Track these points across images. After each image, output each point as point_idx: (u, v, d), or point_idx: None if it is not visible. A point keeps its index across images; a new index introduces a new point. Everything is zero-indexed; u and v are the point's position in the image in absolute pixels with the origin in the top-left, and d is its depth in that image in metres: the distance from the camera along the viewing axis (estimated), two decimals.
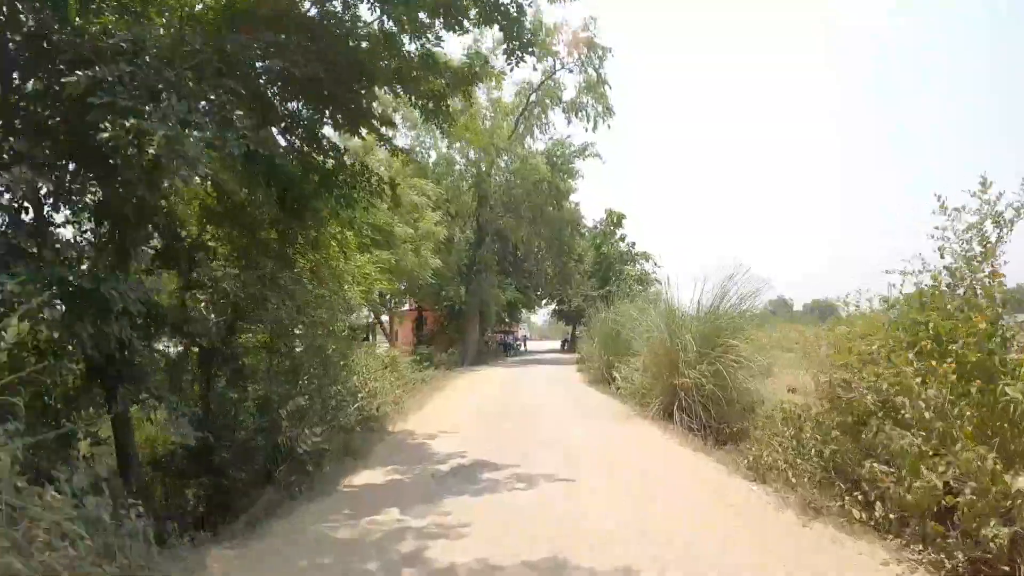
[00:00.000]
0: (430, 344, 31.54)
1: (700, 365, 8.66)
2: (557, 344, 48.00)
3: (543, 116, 30.56)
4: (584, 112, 30.12)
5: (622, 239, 28.72)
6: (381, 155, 18.97)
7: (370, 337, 26.93)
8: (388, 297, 20.75)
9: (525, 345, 45.11)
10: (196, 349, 6.77)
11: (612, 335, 14.62)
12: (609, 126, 30.02)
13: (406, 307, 35.00)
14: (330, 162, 9.56)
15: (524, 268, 31.29)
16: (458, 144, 26.33)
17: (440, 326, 31.38)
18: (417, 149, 26.42)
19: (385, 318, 38.33)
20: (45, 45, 4.67)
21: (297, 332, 10.10)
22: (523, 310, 38.40)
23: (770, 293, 9.31)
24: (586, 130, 29.88)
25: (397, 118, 28.94)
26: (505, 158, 27.33)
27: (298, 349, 10.77)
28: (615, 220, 28.65)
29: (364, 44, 6.95)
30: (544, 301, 41.26)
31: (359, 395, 10.39)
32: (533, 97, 29.91)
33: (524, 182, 26.70)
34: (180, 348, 6.80)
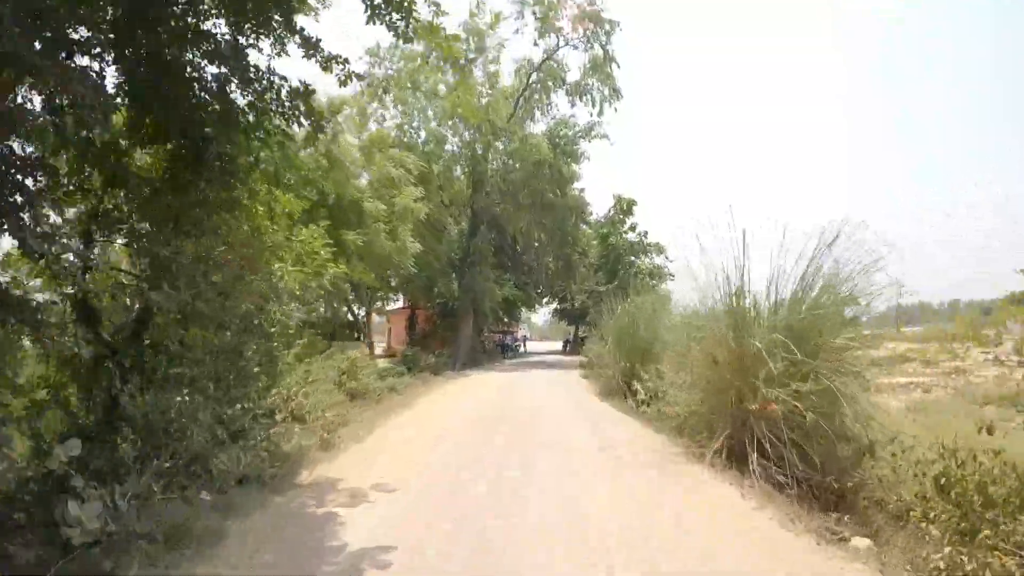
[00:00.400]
0: (421, 345, 28.23)
1: (797, 381, 5.19)
2: (558, 345, 44.48)
3: (545, 98, 27.09)
4: (589, 95, 26.71)
5: (632, 228, 25.08)
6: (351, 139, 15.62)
7: (361, 336, 23.57)
8: (367, 290, 17.32)
9: (525, 346, 41.57)
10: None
11: (630, 332, 11.14)
12: (616, 109, 26.57)
13: (399, 305, 31.69)
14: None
15: (523, 262, 27.79)
16: (450, 122, 22.92)
17: (432, 325, 28.00)
18: (405, 128, 23.04)
19: (380, 317, 34.92)
20: None
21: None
22: (522, 309, 34.86)
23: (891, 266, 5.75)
24: (591, 114, 26.52)
25: (388, 100, 25.83)
26: (502, 141, 23.89)
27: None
28: (624, 207, 25.01)
29: None
30: (545, 300, 37.75)
31: (278, 416, 6.96)
32: (534, 77, 26.50)
33: (524, 164, 23.26)
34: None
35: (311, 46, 6.15)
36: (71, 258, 7.71)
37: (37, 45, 4.09)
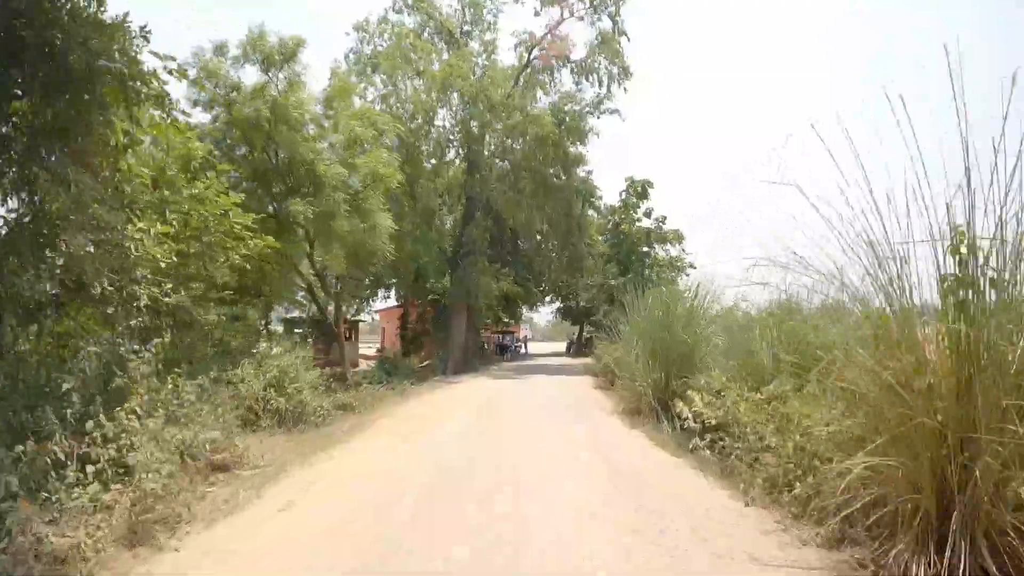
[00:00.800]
0: (413, 346, 25.17)
1: None
2: (561, 346, 41.23)
3: (548, 77, 23.95)
4: (596, 75, 23.61)
5: (647, 214, 21.74)
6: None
7: (352, 336, 20.38)
8: (335, 280, 14.24)
9: (526, 347, 38.35)
10: None
11: (664, 332, 8.00)
12: (625, 89, 23.45)
13: (391, 302, 28.65)
14: None
15: (523, 254, 24.66)
16: (441, 95, 19.86)
17: (423, 325, 24.91)
18: (391, 101, 19.98)
19: (368, 318, 31.75)
20: None
21: None
22: (523, 306, 31.67)
23: None
24: (598, 95, 23.46)
25: (377, 78, 22.80)
26: (500, 118, 20.80)
27: None
28: (639, 190, 21.70)
29: None
30: (548, 298, 34.55)
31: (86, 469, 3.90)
32: (535, 53, 23.43)
33: (524, 142, 20.21)
34: None
35: None
36: None
37: None
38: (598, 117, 21.73)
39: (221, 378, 7.29)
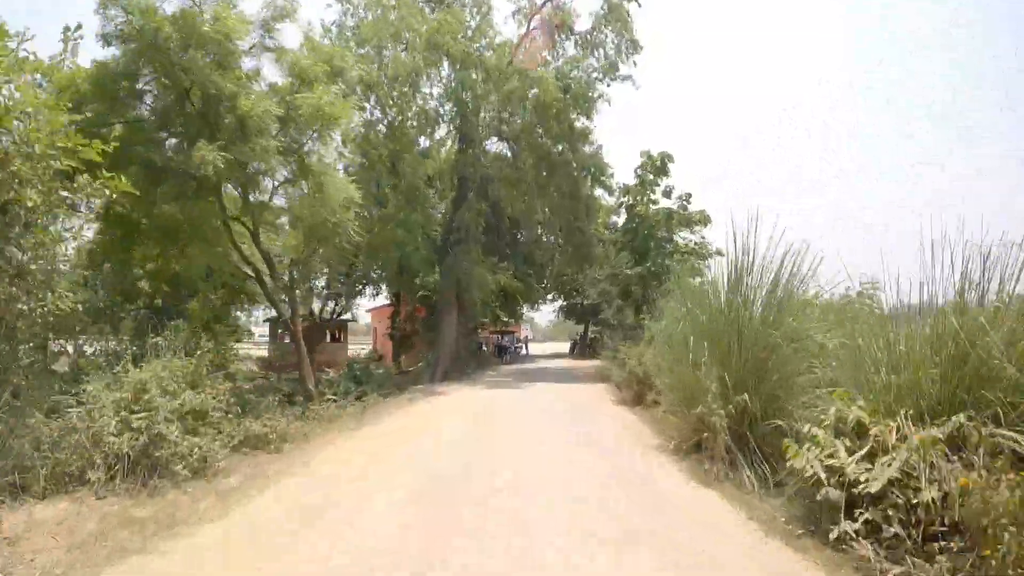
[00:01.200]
0: (403, 347, 22.42)
1: None
2: (563, 346, 38.31)
3: (550, 53, 21.09)
4: (602, 50, 20.79)
5: (667, 193, 18.53)
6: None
7: (341, 337, 17.64)
8: (291, 266, 11.39)
9: (527, 348, 35.51)
10: None
11: (739, 327, 5.15)
12: (635, 63, 20.61)
13: (381, 300, 25.85)
14: None
15: (523, 246, 21.83)
16: (422, 53, 17.01)
17: (412, 325, 22.12)
18: (372, 66, 17.15)
19: (351, 316, 28.80)
20: None
21: None
22: (523, 304, 28.76)
23: None
24: (608, 60, 20.67)
25: (363, 59, 19.99)
26: (495, 93, 17.98)
27: None
28: (656, 165, 18.49)
29: None
30: (550, 297, 31.60)
31: None
32: (535, 22, 20.62)
33: (524, 110, 17.40)
34: None
35: None
36: None
37: None
38: (608, 84, 18.88)
39: (34, 400, 4.47)
